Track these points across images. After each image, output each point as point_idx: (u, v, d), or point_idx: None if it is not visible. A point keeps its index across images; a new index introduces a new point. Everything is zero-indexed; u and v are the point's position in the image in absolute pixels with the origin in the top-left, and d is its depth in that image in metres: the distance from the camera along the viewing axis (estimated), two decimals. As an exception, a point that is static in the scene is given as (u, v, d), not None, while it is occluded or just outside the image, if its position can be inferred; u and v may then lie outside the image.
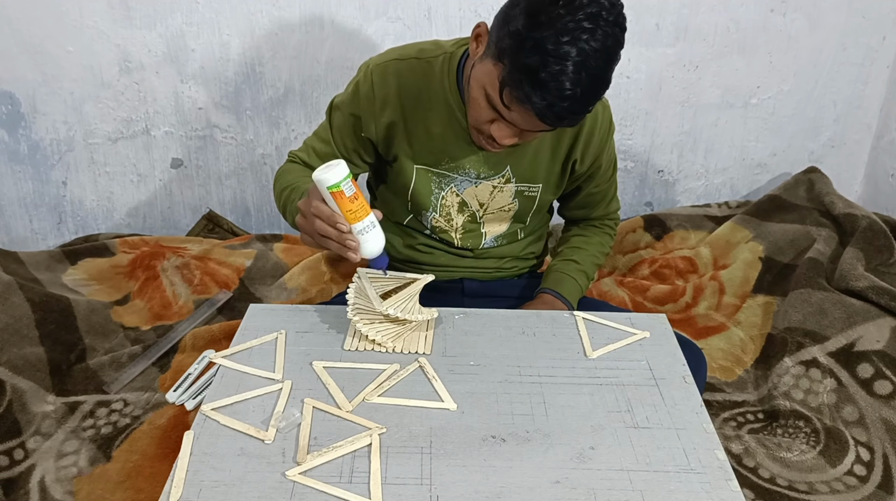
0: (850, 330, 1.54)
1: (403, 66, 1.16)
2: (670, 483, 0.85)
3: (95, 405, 1.47)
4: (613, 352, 1.07)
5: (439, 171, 1.21)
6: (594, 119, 1.18)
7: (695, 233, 2.05)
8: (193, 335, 1.64)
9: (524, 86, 0.92)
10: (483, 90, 1.00)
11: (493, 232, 1.30)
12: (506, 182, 1.22)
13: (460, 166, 1.20)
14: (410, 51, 1.18)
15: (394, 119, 1.17)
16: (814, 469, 1.36)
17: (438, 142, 1.18)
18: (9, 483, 1.29)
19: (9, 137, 1.98)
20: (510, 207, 1.26)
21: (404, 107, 1.17)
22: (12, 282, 1.61)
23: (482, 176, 1.21)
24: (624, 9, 0.95)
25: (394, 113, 1.17)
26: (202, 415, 0.93)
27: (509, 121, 1.00)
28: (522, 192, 1.24)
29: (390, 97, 1.16)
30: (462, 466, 0.86)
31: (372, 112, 1.17)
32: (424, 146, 1.19)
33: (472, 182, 1.22)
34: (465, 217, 1.27)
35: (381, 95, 1.16)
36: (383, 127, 1.18)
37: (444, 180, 1.22)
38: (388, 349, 1.07)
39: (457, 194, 1.24)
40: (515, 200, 1.25)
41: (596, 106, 1.16)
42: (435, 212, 1.26)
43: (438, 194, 1.24)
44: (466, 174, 1.21)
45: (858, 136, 2.18)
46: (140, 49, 1.90)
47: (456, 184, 1.22)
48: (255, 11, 1.88)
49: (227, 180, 2.11)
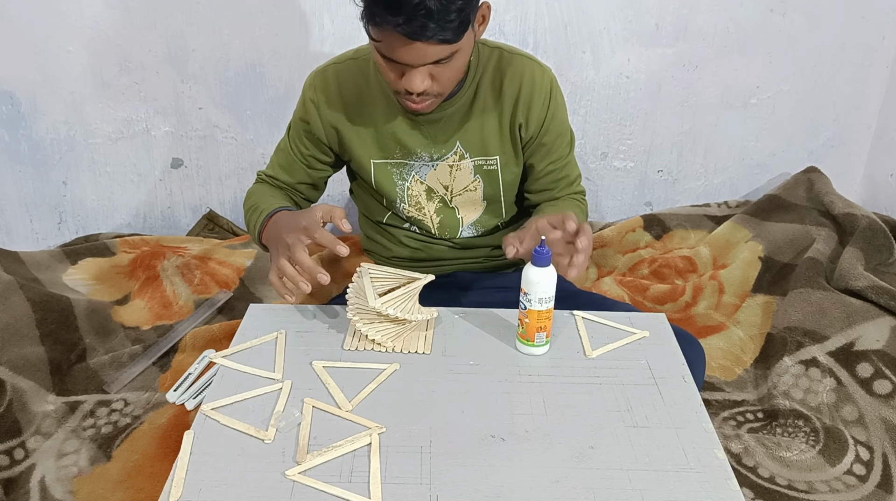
0: (849, 329, 1.54)
1: (341, 69, 1.22)
2: (670, 482, 0.85)
3: (96, 404, 1.47)
4: (613, 352, 1.07)
5: (395, 162, 1.25)
6: (531, 81, 1.20)
7: (694, 233, 2.06)
8: (193, 335, 1.64)
9: (376, 14, 0.96)
10: (376, 52, 1.04)
11: (469, 217, 1.31)
12: (460, 159, 1.24)
13: (412, 152, 1.23)
14: (347, 54, 1.24)
15: (339, 120, 1.22)
16: (813, 469, 1.36)
17: (385, 133, 1.22)
18: (9, 483, 1.29)
19: (9, 137, 1.99)
20: (475, 185, 1.27)
21: (347, 107, 1.22)
22: (13, 282, 1.61)
23: (435, 156, 1.24)
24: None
25: (338, 114, 1.22)
26: (202, 415, 0.94)
27: (394, 58, 1.02)
28: (481, 167, 1.25)
29: (332, 99, 1.21)
30: (462, 466, 0.87)
31: (318, 115, 1.23)
32: (374, 140, 1.23)
33: (428, 166, 1.25)
34: (435, 203, 1.29)
35: (323, 99, 1.22)
36: (331, 128, 1.23)
37: (403, 169, 1.25)
38: (388, 349, 1.07)
39: (420, 181, 1.26)
40: (478, 177, 1.27)
41: (534, 69, 1.21)
42: (404, 202, 1.28)
43: (403, 184, 1.26)
44: (420, 158, 1.24)
45: (858, 136, 2.19)
46: (140, 49, 1.90)
47: (416, 171, 1.25)
48: (255, 11, 1.88)
49: (227, 180, 2.11)
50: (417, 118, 1.20)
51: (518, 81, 1.20)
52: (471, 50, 1.09)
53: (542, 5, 1.91)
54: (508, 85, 1.20)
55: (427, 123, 1.21)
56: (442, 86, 1.08)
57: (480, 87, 1.20)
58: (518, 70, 1.20)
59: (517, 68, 1.20)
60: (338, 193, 2.13)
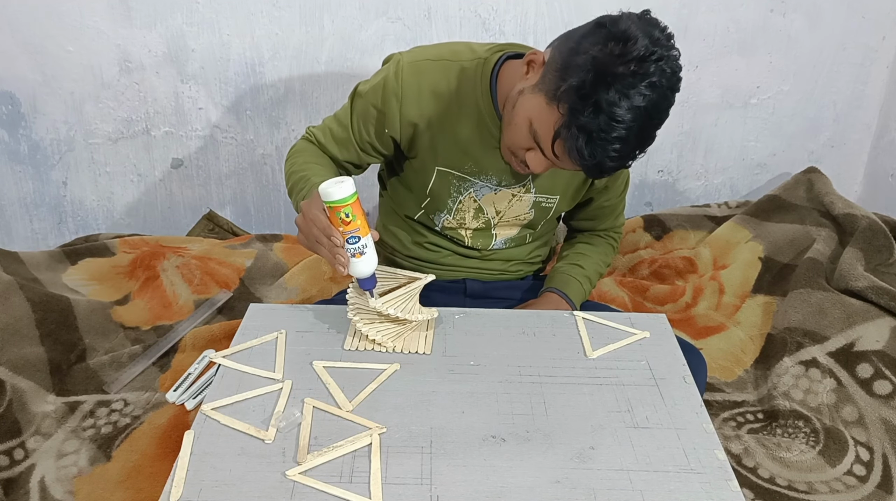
0: (849, 330, 1.54)
1: (436, 67, 1.15)
2: (670, 483, 0.85)
3: (95, 405, 1.47)
4: (613, 352, 1.07)
5: (461, 175, 1.20)
6: None
7: (694, 233, 2.06)
8: (193, 335, 1.64)
9: (579, 141, 0.93)
10: (529, 122, 1.00)
11: (504, 235, 1.31)
12: (526, 192, 1.22)
13: (483, 171, 1.19)
14: (443, 51, 1.16)
15: (420, 118, 1.16)
16: (813, 469, 1.36)
17: (464, 145, 1.17)
18: (9, 483, 1.29)
19: (9, 137, 1.98)
20: (525, 216, 1.27)
21: (433, 108, 1.15)
22: (12, 282, 1.61)
23: (503, 183, 1.20)
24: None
25: (421, 112, 1.15)
26: (202, 415, 0.93)
27: (550, 159, 1.01)
28: (540, 203, 1.24)
29: (419, 96, 1.15)
30: (462, 466, 0.87)
31: (398, 109, 1.15)
32: (449, 148, 1.18)
33: (492, 189, 1.21)
34: (479, 223, 1.27)
35: (409, 93, 1.14)
36: (408, 125, 1.17)
37: (464, 184, 1.21)
38: (388, 349, 1.07)
39: (475, 199, 1.23)
40: (532, 210, 1.26)
41: None
42: (449, 214, 1.25)
43: (457, 197, 1.23)
44: (488, 180, 1.20)
45: (858, 136, 2.18)
46: (140, 49, 1.90)
47: (476, 190, 1.22)
48: (255, 11, 1.88)
49: (227, 180, 2.11)
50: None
51: None
52: None
53: (542, 5, 1.91)
54: None
55: None
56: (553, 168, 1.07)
57: None
58: None
59: None
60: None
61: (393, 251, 1.37)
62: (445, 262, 1.33)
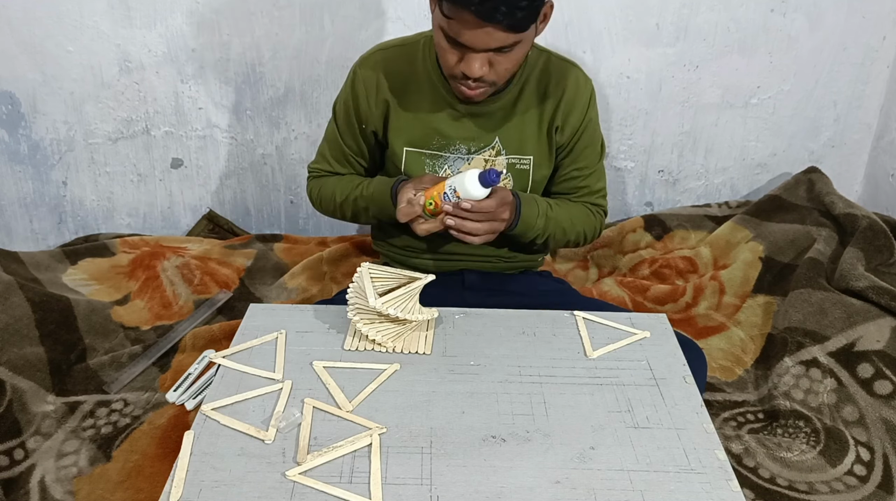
0: (850, 329, 1.54)
1: (388, 55, 1.24)
2: (670, 483, 0.85)
3: (95, 405, 1.47)
4: (614, 352, 1.07)
5: (430, 152, 1.25)
6: (575, 88, 1.24)
7: (695, 233, 2.05)
8: (193, 335, 1.64)
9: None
10: (439, 30, 1.06)
11: None
12: (496, 154, 1.26)
13: (450, 142, 1.24)
14: (395, 41, 1.27)
15: (386, 103, 1.24)
16: (814, 469, 1.36)
17: (426, 122, 1.24)
18: (9, 483, 1.29)
19: (9, 137, 1.98)
20: (504, 183, 1.28)
21: (393, 92, 1.24)
22: (12, 282, 1.61)
23: (472, 149, 1.25)
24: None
25: (385, 98, 1.24)
26: (202, 415, 0.93)
27: (459, 40, 1.04)
28: (514, 165, 1.27)
29: (380, 84, 1.23)
30: (462, 466, 0.86)
31: (367, 99, 1.24)
32: (414, 128, 1.24)
33: (464, 158, 1.26)
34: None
35: (371, 84, 1.24)
36: (381, 111, 1.25)
37: (436, 161, 1.26)
38: (388, 349, 1.07)
39: (452, 174, 1.25)
40: (508, 175, 1.28)
41: (579, 77, 1.25)
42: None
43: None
44: (457, 150, 1.25)
45: (858, 136, 2.18)
46: (140, 49, 1.90)
47: (449, 164, 1.26)
48: (255, 11, 1.88)
49: (227, 180, 2.11)
50: (461, 109, 1.22)
51: (562, 86, 1.23)
52: (530, 45, 1.12)
53: (542, 5, 1.91)
54: (553, 88, 1.23)
55: (471, 116, 1.23)
56: (498, 75, 1.10)
57: (526, 87, 1.23)
58: (564, 75, 1.24)
59: (563, 73, 1.24)
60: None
61: (390, 246, 1.38)
62: (440, 250, 1.34)
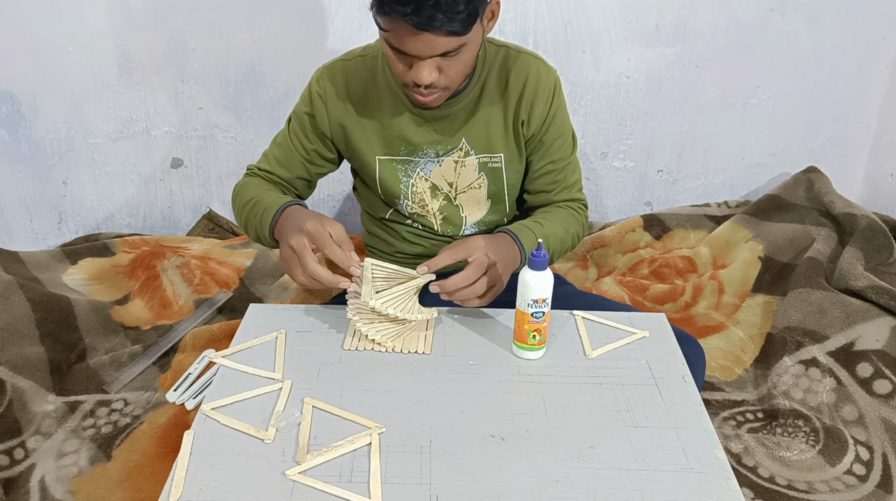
0: (849, 329, 1.54)
1: (349, 65, 1.23)
2: (670, 482, 0.85)
3: (96, 404, 1.47)
4: (613, 352, 1.08)
5: (401, 159, 1.25)
6: (536, 79, 1.21)
7: (694, 233, 2.06)
8: (193, 335, 1.64)
9: (385, 4, 0.96)
10: (384, 41, 1.05)
11: (473, 216, 1.31)
12: (465, 155, 1.25)
13: (418, 148, 1.24)
14: (356, 51, 1.25)
15: (346, 116, 1.23)
16: (813, 469, 1.36)
17: (391, 130, 1.23)
18: (9, 483, 1.29)
19: (9, 137, 1.99)
20: (479, 183, 1.28)
21: (354, 103, 1.22)
22: (13, 282, 1.61)
23: (441, 152, 1.24)
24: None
25: (345, 110, 1.23)
26: (202, 415, 0.94)
27: (402, 49, 1.02)
28: (486, 164, 1.26)
29: (340, 95, 1.22)
30: (462, 465, 0.87)
31: (325, 110, 1.23)
32: (380, 137, 1.24)
33: (434, 162, 1.25)
34: (440, 201, 1.29)
35: (331, 94, 1.22)
36: (337, 125, 1.24)
37: (408, 166, 1.26)
38: (388, 348, 1.07)
39: (426, 179, 1.27)
40: (482, 174, 1.27)
41: (539, 68, 1.22)
42: (408, 199, 1.28)
43: (407, 181, 1.27)
44: (426, 155, 1.25)
45: (858, 136, 2.18)
46: (140, 49, 1.90)
47: (421, 168, 1.26)
48: (255, 11, 1.88)
49: (227, 180, 2.11)
50: (424, 114, 1.21)
51: (523, 78, 1.21)
52: (479, 44, 1.10)
53: (542, 5, 1.91)
54: (514, 81, 1.21)
55: (434, 120, 1.22)
56: (449, 79, 1.08)
57: (487, 84, 1.21)
58: (524, 67, 1.21)
59: (523, 66, 1.21)
60: (338, 192, 2.13)
61: (381, 254, 1.40)
62: (428, 254, 1.33)
